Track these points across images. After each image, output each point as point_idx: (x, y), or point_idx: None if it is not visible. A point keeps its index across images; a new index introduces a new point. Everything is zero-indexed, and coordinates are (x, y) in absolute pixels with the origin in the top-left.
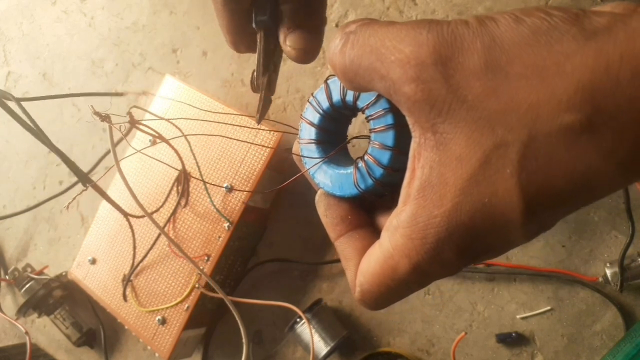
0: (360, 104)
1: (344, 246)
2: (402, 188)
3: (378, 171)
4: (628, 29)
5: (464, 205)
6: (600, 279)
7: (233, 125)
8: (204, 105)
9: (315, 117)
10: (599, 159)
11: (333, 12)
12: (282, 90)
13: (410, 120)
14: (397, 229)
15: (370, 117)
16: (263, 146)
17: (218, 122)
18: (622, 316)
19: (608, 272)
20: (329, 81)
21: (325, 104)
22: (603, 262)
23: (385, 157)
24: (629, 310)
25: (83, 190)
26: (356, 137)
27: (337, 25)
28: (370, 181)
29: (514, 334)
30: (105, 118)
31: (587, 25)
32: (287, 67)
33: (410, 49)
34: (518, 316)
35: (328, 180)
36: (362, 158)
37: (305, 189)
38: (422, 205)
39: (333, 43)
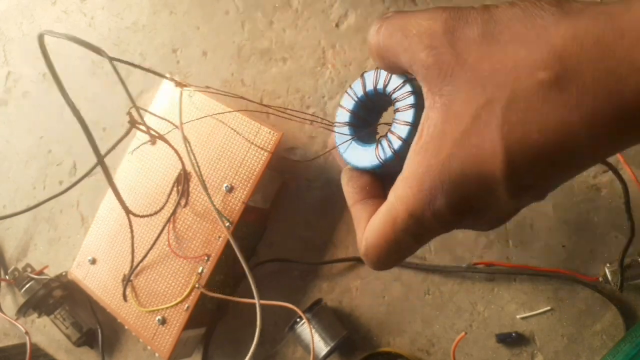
0: (389, 88)
1: (358, 211)
2: (410, 148)
3: (397, 144)
4: (595, 11)
5: (456, 156)
6: (601, 279)
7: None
8: (204, 106)
9: (350, 104)
10: (566, 111)
11: (333, 12)
12: (282, 90)
13: (424, 89)
14: (400, 182)
15: (396, 100)
16: (262, 149)
17: (225, 114)
18: (622, 316)
19: (608, 271)
20: (364, 74)
21: (360, 93)
22: (603, 263)
23: (404, 131)
24: (629, 310)
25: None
26: (384, 123)
27: (337, 26)
28: (390, 153)
29: (514, 334)
30: (180, 84)
31: (566, 7)
32: (287, 67)
33: (427, 22)
34: (518, 316)
35: (355, 155)
36: (385, 135)
37: (306, 189)
38: (423, 157)
39: (372, 28)
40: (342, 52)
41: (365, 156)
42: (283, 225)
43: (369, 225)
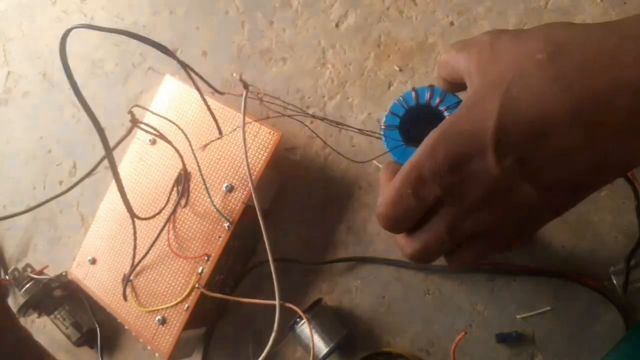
0: (443, 105)
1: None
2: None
3: None
4: (590, 23)
5: (462, 119)
6: (606, 283)
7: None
8: (203, 105)
9: (400, 111)
10: (554, 84)
11: (333, 12)
12: (282, 90)
13: (467, 84)
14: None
15: (445, 110)
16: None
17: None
18: (623, 316)
19: (612, 275)
20: (417, 88)
21: (412, 103)
22: (603, 263)
23: None
24: (629, 310)
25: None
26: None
27: (337, 26)
28: None
29: (514, 334)
30: (245, 85)
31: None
32: (287, 67)
33: (477, 37)
34: (518, 316)
35: (404, 156)
36: None
37: (306, 189)
38: (443, 123)
39: (447, 52)
40: (342, 52)
41: (409, 155)
42: (283, 225)
43: (385, 187)
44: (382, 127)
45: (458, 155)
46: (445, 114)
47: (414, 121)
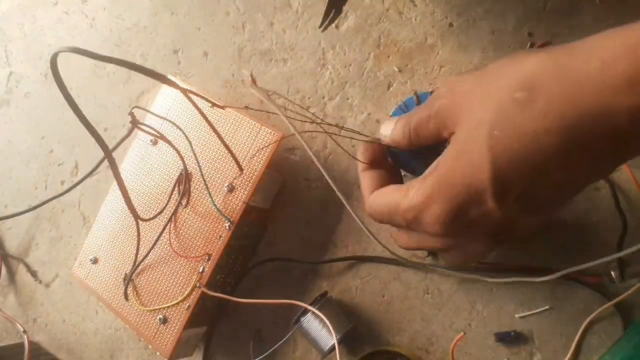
0: None
1: (366, 177)
2: (433, 164)
3: None
4: (557, 47)
5: (453, 170)
6: (605, 279)
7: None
8: (204, 106)
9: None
10: (539, 121)
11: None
12: (282, 91)
13: (446, 136)
14: (416, 182)
15: None
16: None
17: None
18: (621, 315)
19: (611, 270)
20: (418, 93)
21: (413, 107)
22: (602, 262)
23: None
24: (628, 309)
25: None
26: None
27: (337, 27)
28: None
29: (512, 333)
30: (254, 81)
31: (535, 51)
32: (288, 68)
33: (434, 95)
34: (517, 315)
35: (402, 163)
36: None
37: (306, 189)
38: (431, 172)
39: (395, 128)
40: (342, 53)
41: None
42: (283, 224)
43: (380, 196)
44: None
45: (454, 207)
46: None
47: None
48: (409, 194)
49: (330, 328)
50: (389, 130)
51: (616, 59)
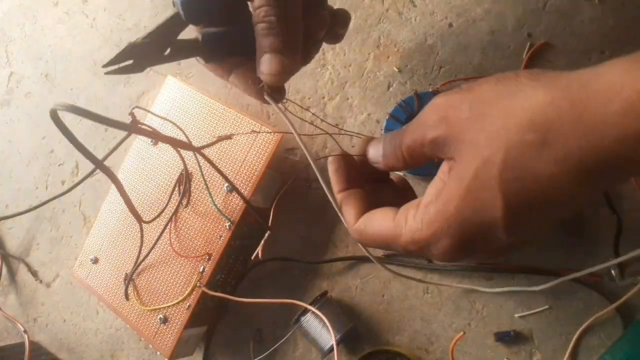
0: None
1: (345, 198)
2: (430, 191)
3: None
4: (567, 79)
5: (462, 207)
6: (605, 278)
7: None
8: (205, 106)
9: (401, 115)
10: (556, 166)
11: None
12: None
13: (444, 157)
14: (416, 210)
15: None
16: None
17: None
18: (620, 315)
19: (611, 269)
20: (419, 93)
21: (413, 106)
22: (601, 261)
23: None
24: (627, 309)
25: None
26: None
27: None
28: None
29: (512, 333)
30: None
31: (542, 79)
32: None
33: (424, 120)
34: (516, 315)
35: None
36: None
37: (306, 190)
38: (436, 205)
39: (384, 152)
40: (341, 54)
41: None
42: (283, 225)
43: (371, 225)
44: (382, 131)
45: (465, 243)
46: None
47: None
48: (408, 224)
49: (330, 328)
50: (379, 153)
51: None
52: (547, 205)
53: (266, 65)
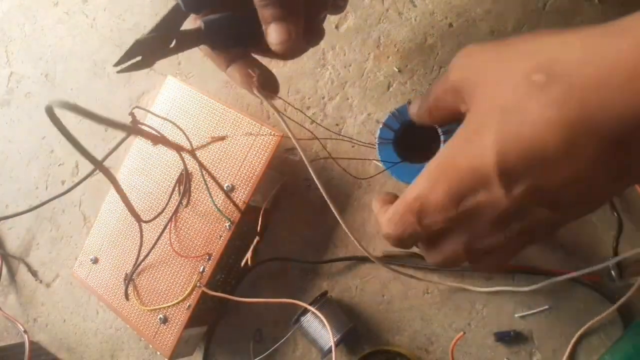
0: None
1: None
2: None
3: None
4: (584, 29)
5: (459, 153)
6: (604, 278)
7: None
8: (205, 106)
9: (394, 125)
10: (553, 110)
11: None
12: (282, 91)
13: (463, 111)
14: (421, 175)
15: (445, 132)
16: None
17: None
18: (620, 315)
19: (611, 269)
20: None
21: (406, 116)
22: (601, 261)
23: None
24: (627, 309)
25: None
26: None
27: (336, 27)
28: None
29: (512, 333)
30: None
31: (560, 31)
32: (288, 68)
33: (456, 56)
34: (516, 315)
35: (398, 174)
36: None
37: (306, 189)
38: (436, 157)
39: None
40: (341, 54)
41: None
42: (283, 225)
43: (388, 208)
44: (377, 140)
45: (460, 190)
46: (440, 130)
47: (408, 131)
48: (414, 182)
49: (330, 328)
50: (416, 108)
51: None
52: (541, 160)
53: (273, 35)
